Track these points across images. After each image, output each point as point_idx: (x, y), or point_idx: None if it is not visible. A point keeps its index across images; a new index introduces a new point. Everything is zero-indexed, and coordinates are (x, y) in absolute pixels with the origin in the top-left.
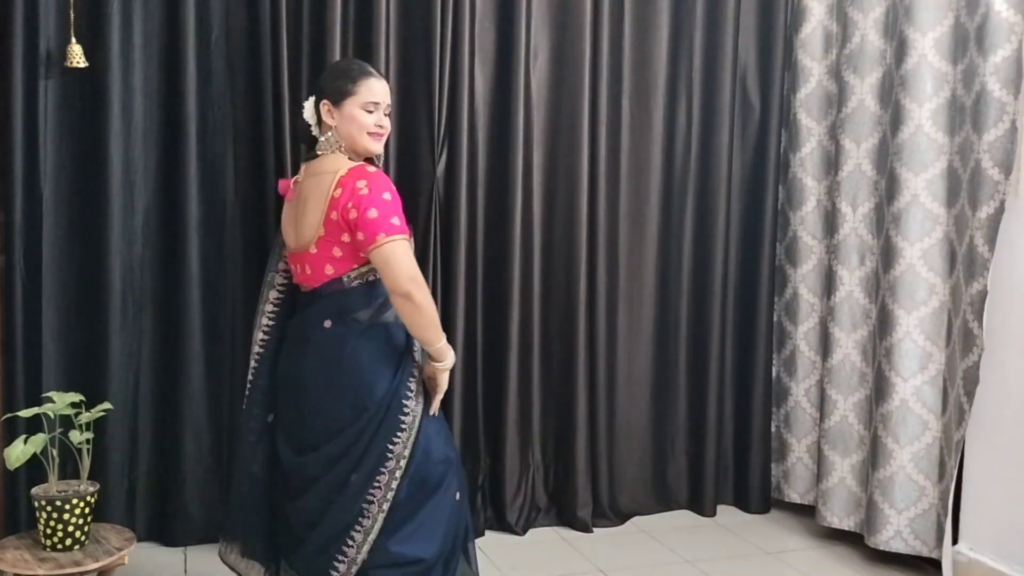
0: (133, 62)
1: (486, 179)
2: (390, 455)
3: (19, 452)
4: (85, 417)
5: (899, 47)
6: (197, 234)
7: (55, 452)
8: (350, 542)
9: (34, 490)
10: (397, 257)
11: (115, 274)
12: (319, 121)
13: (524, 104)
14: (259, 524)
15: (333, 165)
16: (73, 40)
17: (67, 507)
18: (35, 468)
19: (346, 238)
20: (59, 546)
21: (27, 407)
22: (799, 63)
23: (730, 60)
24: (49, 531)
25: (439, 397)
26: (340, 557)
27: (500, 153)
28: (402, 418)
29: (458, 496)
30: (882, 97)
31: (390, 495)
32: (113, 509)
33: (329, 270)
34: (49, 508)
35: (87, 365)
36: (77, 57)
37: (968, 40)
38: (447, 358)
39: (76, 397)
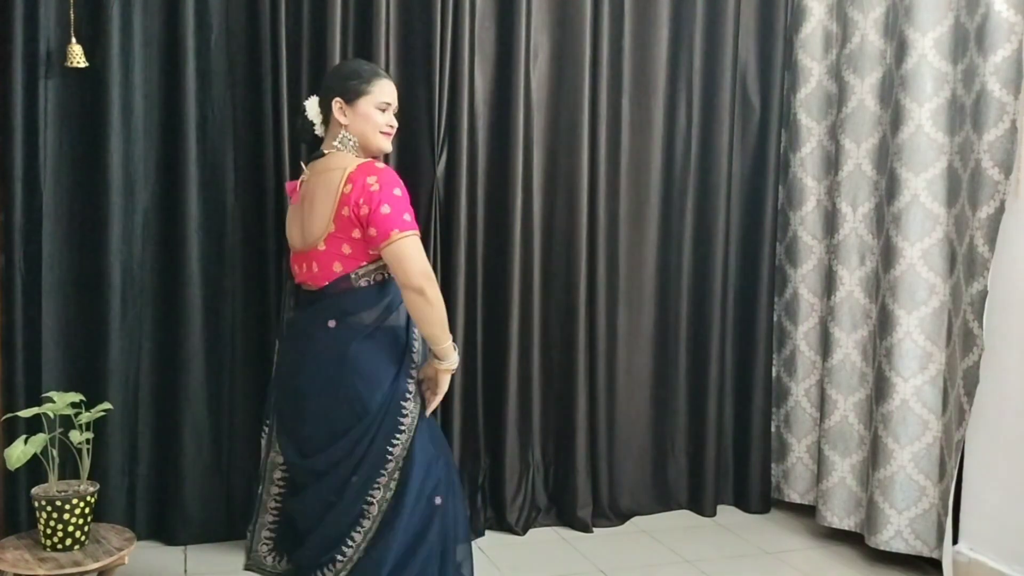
0: (133, 62)
1: (486, 179)
2: (389, 457)
3: (19, 452)
4: (85, 417)
5: (899, 47)
6: (197, 234)
7: (55, 452)
8: (349, 542)
9: (34, 490)
10: (410, 253)
11: (115, 274)
12: (325, 120)
13: (524, 104)
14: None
15: (341, 162)
16: (73, 40)
17: (67, 507)
18: (35, 468)
19: (356, 234)
20: (59, 546)
21: (27, 407)
22: (799, 63)
23: (730, 60)
24: (49, 531)
25: (437, 399)
26: (340, 557)
27: (500, 153)
28: (401, 420)
29: (438, 500)
30: (882, 97)
31: (389, 495)
32: (113, 509)
33: (337, 267)
34: (49, 508)
35: (87, 365)
36: (77, 57)
37: (968, 40)
38: (451, 358)
39: (76, 397)
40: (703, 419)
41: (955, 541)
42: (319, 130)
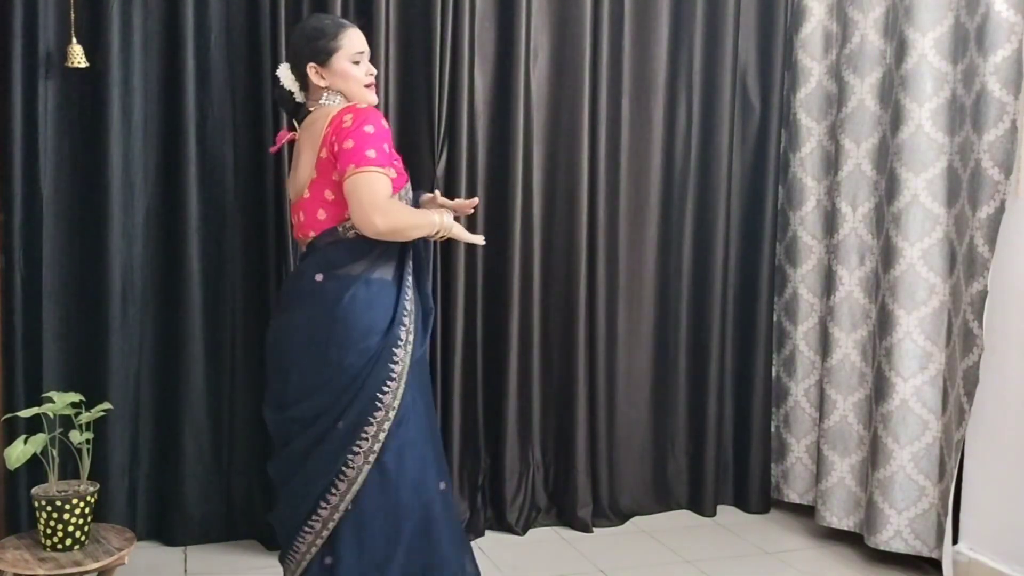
0: (133, 62)
1: (486, 179)
2: (379, 404)
3: (19, 452)
4: (85, 417)
5: (899, 47)
6: (197, 234)
7: (55, 452)
8: (329, 497)
9: (34, 490)
10: (359, 188)
11: (115, 274)
12: (303, 86)
13: (524, 104)
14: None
15: (327, 111)
16: (73, 40)
17: (67, 507)
18: (35, 468)
19: (336, 176)
20: (59, 546)
21: (27, 407)
22: (799, 63)
23: (730, 60)
24: (49, 531)
25: (469, 237)
26: (313, 521)
27: (500, 153)
28: (392, 367)
29: (443, 485)
30: (882, 97)
31: (377, 447)
32: (113, 509)
33: (322, 215)
34: (49, 508)
35: (87, 365)
36: (77, 57)
37: (968, 40)
38: (442, 227)
39: (76, 397)
40: (703, 419)
41: (955, 541)
42: (299, 97)
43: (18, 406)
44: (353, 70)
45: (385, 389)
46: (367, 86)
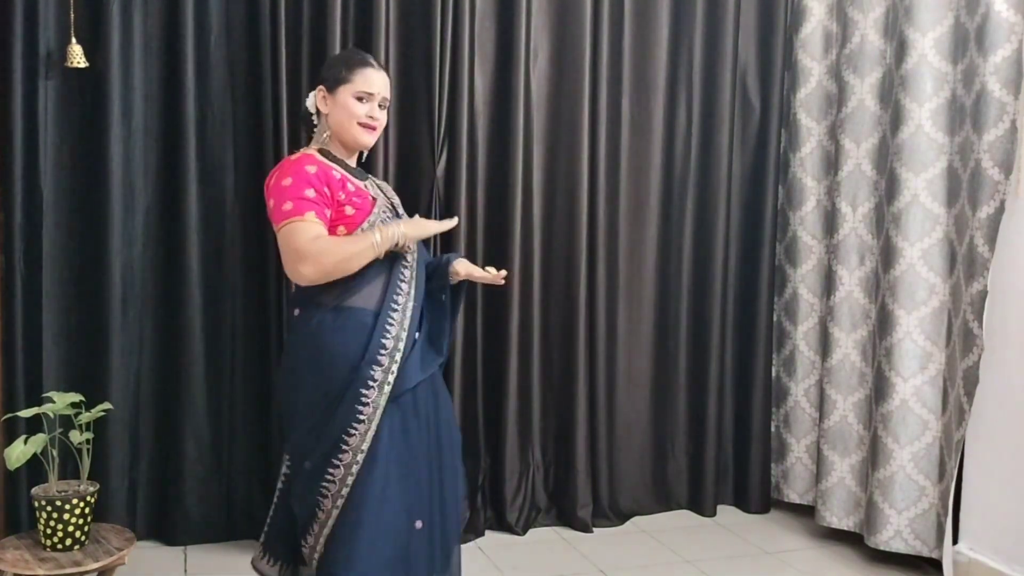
0: (133, 62)
1: (486, 179)
2: (345, 447)
3: (19, 452)
4: (85, 417)
5: (899, 47)
6: (197, 234)
7: (55, 452)
8: (308, 536)
9: (34, 490)
10: (281, 244)
11: (115, 274)
12: (319, 111)
13: (524, 104)
14: (281, 521)
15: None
16: (73, 40)
17: (67, 507)
18: (35, 468)
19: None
20: (59, 546)
21: (27, 407)
22: (799, 63)
23: (730, 60)
24: (49, 531)
25: (439, 226)
26: (303, 543)
27: (500, 153)
28: (360, 408)
29: (419, 524)
30: (882, 97)
31: (345, 491)
32: (113, 509)
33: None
34: (49, 508)
35: (87, 365)
36: (77, 57)
37: (968, 40)
38: (392, 239)
39: (76, 397)
40: (703, 419)
41: (955, 541)
42: (316, 120)
43: (18, 406)
44: (352, 104)
45: (352, 431)
46: (361, 124)
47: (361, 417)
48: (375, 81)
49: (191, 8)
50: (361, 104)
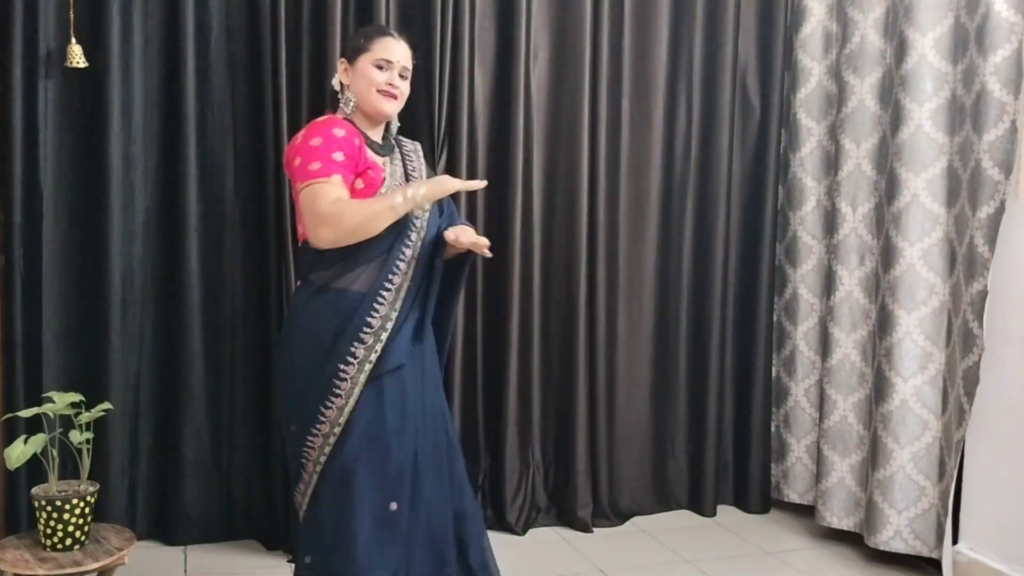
0: (133, 62)
1: (486, 179)
2: (323, 418)
3: (19, 452)
4: (85, 417)
5: (899, 47)
6: (197, 234)
7: (55, 452)
8: (297, 491)
9: (34, 490)
10: (304, 204)
11: (115, 274)
12: (343, 85)
13: (524, 104)
14: None
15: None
16: (73, 40)
17: (67, 507)
18: (35, 468)
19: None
20: (59, 546)
21: (27, 407)
22: (799, 63)
23: (730, 60)
24: (49, 531)
25: (463, 185)
26: (295, 494)
27: (500, 153)
28: (336, 383)
29: (394, 506)
30: (882, 97)
31: (323, 459)
32: (113, 509)
33: (300, 227)
34: (49, 508)
35: (87, 365)
36: (77, 57)
37: (968, 40)
38: (413, 201)
39: (76, 397)
40: (703, 419)
41: (955, 541)
42: (341, 96)
43: (18, 406)
44: (372, 72)
45: (328, 404)
46: (380, 91)
47: (338, 391)
48: (395, 49)
49: (191, 8)
50: (380, 72)
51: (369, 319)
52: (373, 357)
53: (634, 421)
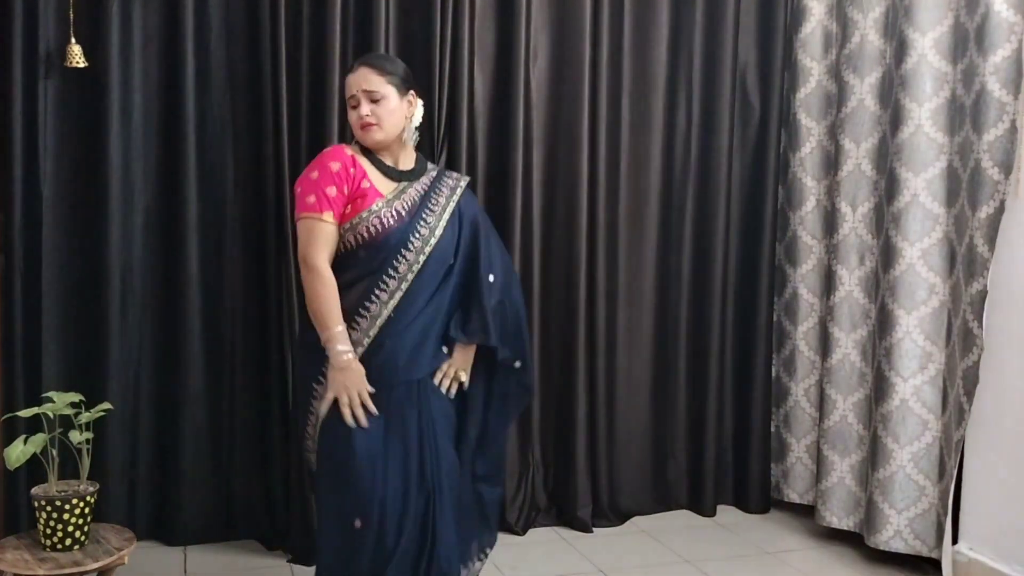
0: (133, 62)
1: (486, 179)
2: (311, 408)
3: (19, 452)
4: (85, 417)
5: (899, 47)
6: (197, 234)
7: (55, 452)
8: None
9: (34, 490)
10: (301, 234)
11: (115, 274)
12: None
13: (524, 104)
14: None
15: None
16: (73, 40)
17: (67, 507)
18: (35, 468)
19: None
20: (59, 546)
21: (27, 407)
22: (799, 63)
23: (730, 60)
24: (49, 531)
25: (338, 400)
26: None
27: (500, 153)
28: (315, 387)
29: (358, 523)
30: (882, 97)
31: (311, 444)
32: (113, 509)
33: None
34: (49, 508)
35: (87, 365)
36: (77, 57)
37: (968, 40)
38: (333, 356)
39: (76, 397)
40: (703, 419)
41: (955, 541)
42: None
43: (18, 406)
44: (350, 113)
45: (314, 394)
46: (362, 128)
47: (315, 395)
48: (352, 83)
49: (191, 8)
50: (353, 111)
51: (359, 318)
52: (360, 350)
53: (634, 421)
